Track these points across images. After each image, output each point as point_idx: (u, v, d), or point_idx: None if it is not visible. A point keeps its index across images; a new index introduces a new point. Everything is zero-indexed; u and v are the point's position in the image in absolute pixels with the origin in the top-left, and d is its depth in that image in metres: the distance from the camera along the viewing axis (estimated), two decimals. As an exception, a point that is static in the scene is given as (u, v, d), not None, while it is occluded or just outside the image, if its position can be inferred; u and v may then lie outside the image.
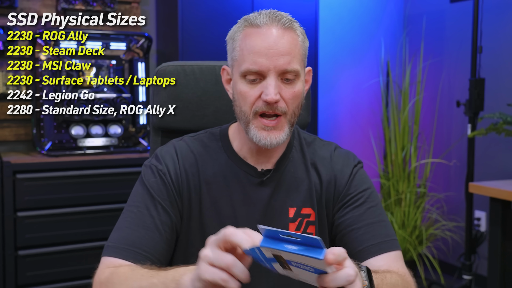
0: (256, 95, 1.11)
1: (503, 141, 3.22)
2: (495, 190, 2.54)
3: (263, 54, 1.09)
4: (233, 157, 1.22)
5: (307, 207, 1.22)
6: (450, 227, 3.58)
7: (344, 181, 1.23)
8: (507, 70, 3.22)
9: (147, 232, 1.11)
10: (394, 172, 3.57)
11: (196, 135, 1.27)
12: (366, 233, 1.18)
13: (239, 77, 1.13)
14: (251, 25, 1.13)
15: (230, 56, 1.17)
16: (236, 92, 1.15)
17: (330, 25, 3.68)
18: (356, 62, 3.81)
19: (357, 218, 1.20)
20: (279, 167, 1.22)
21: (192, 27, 2.86)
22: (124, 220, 1.15)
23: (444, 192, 3.68)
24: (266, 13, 1.13)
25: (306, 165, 1.25)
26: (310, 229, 1.22)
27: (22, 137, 2.88)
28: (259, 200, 1.19)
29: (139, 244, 1.10)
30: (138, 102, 2.90)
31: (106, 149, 2.78)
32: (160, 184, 1.16)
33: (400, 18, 3.95)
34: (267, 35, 1.11)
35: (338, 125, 3.78)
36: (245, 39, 1.12)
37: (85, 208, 2.58)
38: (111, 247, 1.11)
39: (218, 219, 1.18)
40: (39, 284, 2.51)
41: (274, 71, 1.10)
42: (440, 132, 3.70)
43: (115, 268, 1.07)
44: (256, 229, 1.13)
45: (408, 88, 3.61)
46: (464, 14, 3.49)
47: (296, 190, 1.22)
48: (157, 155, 1.22)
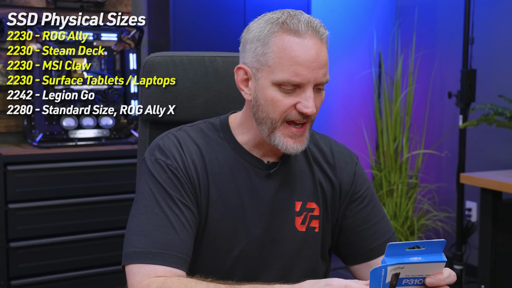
0: (290, 104, 1.09)
1: (494, 132, 3.22)
2: (486, 180, 2.54)
3: (306, 67, 1.06)
4: (238, 149, 1.19)
5: (311, 202, 1.22)
6: (442, 218, 3.59)
7: (350, 180, 1.25)
8: (499, 62, 3.22)
9: (176, 232, 1.07)
10: (386, 163, 3.57)
11: (195, 125, 1.23)
12: (374, 233, 1.24)
13: (271, 84, 1.08)
14: (289, 31, 1.07)
15: (256, 58, 1.10)
16: (265, 98, 1.10)
17: (322, 16, 3.65)
18: (348, 53, 3.79)
19: (365, 218, 1.24)
20: (285, 160, 1.21)
21: (184, 17, 2.84)
22: (147, 222, 1.07)
23: (435, 183, 3.69)
24: (305, 21, 1.08)
25: (308, 160, 1.25)
26: (313, 223, 1.22)
27: (12, 128, 2.86)
28: (266, 192, 1.18)
29: (172, 247, 1.05)
30: (130, 93, 2.87)
31: (97, 141, 2.76)
32: (173, 179, 1.11)
33: (392, 10, 3.93)
34: (309, 46, 1.07)
35: (331, 116, 3.77)
36: (284, 47, 1.07)
37: (76, 200, 2.57)
38: (142, 254, 1.04)
39: (226, 211, 1.16)
40: (30, 276, 2.50)
41: (313, 83, 1.09)
42: (432, 123, 3.70)
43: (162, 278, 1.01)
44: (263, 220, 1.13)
45: (400, 79, 3.61)
46: (456, 6, 3.48)
47: (301, 184, 1.22)
48: (161, 148, 1.16)
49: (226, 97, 1.42)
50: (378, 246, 1.23)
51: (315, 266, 1.23)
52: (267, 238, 1.17)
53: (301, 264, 1.21)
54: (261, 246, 1.17)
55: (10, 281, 2.46)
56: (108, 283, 2.64)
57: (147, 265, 1.03)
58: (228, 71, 1.41)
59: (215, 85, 1.42)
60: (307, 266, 1.22)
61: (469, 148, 3.34)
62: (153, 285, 0.99)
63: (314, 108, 1.09)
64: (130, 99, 2.88)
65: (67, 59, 2.71)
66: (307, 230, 1.20)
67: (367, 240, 1.23)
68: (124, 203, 2.63)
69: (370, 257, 1.23)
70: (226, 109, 1.30)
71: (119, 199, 2.64)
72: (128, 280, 1.04)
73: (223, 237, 1.15)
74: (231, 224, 1.15)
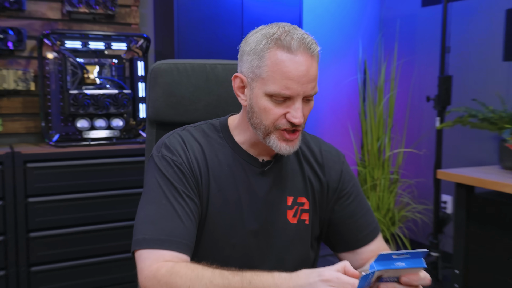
0: (280, 113, 1.09)
1: (468, 133, 3.23)
2: (460, 176, 2.55)
3: (296, 82, 1.06)
4: (236, 148, 1.19)
5: (302, 197, 1.22)
6: (420, 210, 3.60)
7: (337, 178, 1.25)
8: (472, 68, 3.23)
9: (181, 221, 1.07)
10: (370, 160, 3.57)
11: (197, 125, 1.23)
12: (360, 225, 1.25)
13: (264, 94, 1.08)
14: (282, 47, 1.06)
15: (251, 69, 1.10)
16: (258, 106, 1.10)
17: (312, 27, 3.66)
18: (336, 61, 3.80)
19: (352, 212, 1.25)
20: (278, 159, 1.21)
21: (187, 28, 2.84)
22: (155, 212, 1.07)
23: (414, 178, 3.69)
24: (298, 38, 1.07)
25: (299, 158, 1.25)
26: (304, 216, 1.22)
27: (31, 129, 2.86)
28: (261, 188, 1.18)
29: (178, 234, 1.05)
30: (138, 97, 2.87)
31: (109, 141, 2.75)
32: (179, 174, 1.12)
33: (376, 21, 3.94)
34: (300, 63, 1.06)
35: (320, 117, 3.77)
36: (276, 62, 1.06)
37: (90, 194, 2.56)
38: (151, 240, 1.04)
39: (224, 205, 1.16)
40: (48, 263, 2.49)
41: (302, 96, 1.08)
42: (412, 124, 3.71)
43: (172, 263, 1.01)
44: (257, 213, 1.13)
45: (383, 84, 3.61)
46: (434, 18, 3.48)
47: (292, 181, 1.22)
48: (167, 145, 1.16)
49: (225, 101, 1.42)
50: (363, 237, 1.24)
51: (306, 255, 1.24)
52: (261, 230, 1.18)
53: (293, 253, 1.21)
54: (256, 236, 1.17)
55: (30, 268, 2.46)
56: (117, 269, 2.64)
57: (155, 250, 1.03)
58: (227, 77, 1.41)
59: (215, 90, 1.42)
60: (299, 255, 1.22)
61: (445, 147, 3.35)
62: (163, 269, 0.99)
63: (302, 118, 1.08)
64: (138, 102, 2.87)
65: (81, 66, 2.71)
66: (298, 222, 1.21)
67: (354, 231, 1.25)
68: (133, 197, 2.63)
69: (356, 246, 1.25)
70: (225, 112, 1.30)
71: (128, 194, 2.63)
72: (138, 264, 1.04)
73: (222, 228, 1.15)
74: (228, 216, 1.16)
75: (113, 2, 2.90)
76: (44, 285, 2.49)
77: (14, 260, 2.43)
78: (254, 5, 3.01)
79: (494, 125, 2.66)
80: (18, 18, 2.78)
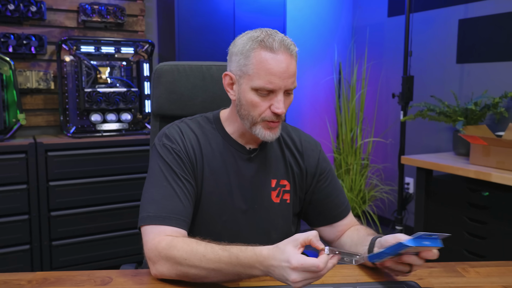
0: (266, 106, 1.09)
1: (427, 124, 3.24)
2: (421, 161, 2.56)
3: (278, 77, 1.06)
4: (226, 137, 1.19)
5: (284, 179, 1.22)
6: (387, 190, 3.62)
7: (314, 164, 1.25)
8: (431, 69, 3.23)
9: (180, 200, 1.06)
10: (344, 148, 3.58)
11: (193, 118, 1.23)
12: (336, 203, 1.26)
13: (250, 89, 1.08)
14: (265, 48, 1.06)
15: (239, 67, 1.09)
16: (245, 100, 1.09)
17: (294, 34, 3.64)
18: (315, 64, 3.79)
19: (328, 193, 1.26)
20: (263, 147, 1.21)
21: (186, 35, 2.81)
22: (157, 193, 1.07)
23: (382, 163, 3.71)
24: (278, 40, 1.07)
25: (281, 146, 1.24)
26: (285, 196, 1.22)
27: (51, 123, 2.82)
28: (248, 172, 1.18)
29: (178, 212, 1.05)
30: (144, 94, 2.85)
31: (119, 132, 2.73)
32: (177, 159, 1.11)
33: (349, 29, 3.93)
34: (281, 61, 1.06)
35: (301, 112, 3.77)
36: (261, 60, 1.06)
37: (102, 179, 2.54)
38: (154, 217, 1.03)
39: (216, 187, 1.15)
40: (67, 238, 2.48)
41: (284, 89, 1.08)
42: (380, 117, 3.72)
43: (171, 237, 1.00)
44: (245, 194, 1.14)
45: (355, 83, 3.61)
46: (398, 26, 3.48)
47: (275, 165, 1.22)
48: (167, 135, 1.15)
49: (219, 97, 1.41)
50: (339, 213, 1.25)
51: (288, 229, 1.24)
52: (249, 208, 1.18)
53: (277, 228, 1.21)
54: (244, 214, 1.17)
55: (52, 242, 2.45)
56: (126, 243, 2.63)
57: (158, 226, 1.03)
58: (221, 76, 1.40)
59: (211, 87, 1.41)
60: (282, 230, 1.22)
61: (408, 137, 3.37)
62: (163, 242, 0.99)
63: (284, 109, 1.09)
64: (144, 99, 2.85)
65: (94, 68, 2.68)
66: (280, 201, 1.21)
67: (331, 209, 1.25)
68: (140, 181, 2.61)
69: (333, 221, 1.25)
70: (219, 107, 1.29)
71: (135, 178, 2.62)
72: (143, 238, 1.04)
73: (214, 206, 1.15)
74: (220, 197, 1.16)
75: (122, 12, 2.87)
76: (63, 257, 2.47)
77: (37, 236, 2.41)
78: (244, 15, 2.98)
79: (449, 118, 2.67)
80: (40, 26, 2.74)
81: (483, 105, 2.65)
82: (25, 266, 2.39)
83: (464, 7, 2.98)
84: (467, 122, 2.60)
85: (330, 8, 3.83)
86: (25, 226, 2.37)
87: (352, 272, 1.06)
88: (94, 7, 2.79)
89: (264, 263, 0.88)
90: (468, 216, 2.39)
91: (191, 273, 0.95)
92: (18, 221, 2.36)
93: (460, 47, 3.01)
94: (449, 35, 3.08)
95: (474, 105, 2.57)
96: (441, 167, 2.44)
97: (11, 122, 2.53)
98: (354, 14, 3.91)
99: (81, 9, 2.76)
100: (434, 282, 1.01)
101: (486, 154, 2.32)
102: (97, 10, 2.79)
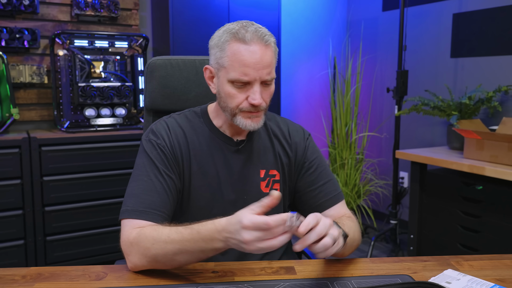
0: (243, 97, 1.08)
1: (422, 119, 3.25)
2: (415, 156, 2.57)
3: (251, 68, 1.05)
4: (214, 130, 1.19)
5: (273, 169, 1.22)
6: (381, 184, 3.63)
7: (301, 152, 1.24)
8: (425, 64, 3.24)
9: (159, 195, 1.07)
10: (339, 143, 3.58)
11: (181, 113, 1.23)
12: (321, 192, 1.22)
13: (227, 81, 1.08)
14: (239, 40, 1.06)
15: (216, 60, 1.10)
16: (224, 92, 1.10)
17: (289, 29, 3.63)
18: (310, 58, 3.78)
19: (313, 181, 1.23)
20: (250, 138, 1.21)
21: (180, 29, 2.79)
22: (137, 187, 1.08)
23: (377, 158, 3.72)
24: (252, 31, 1.06)
25: (270, 136, 1.24)
26: (275, 186, 1.22)
27: (45, 117, 2.80)
28: (236, 164, 1.18)
29: (155, 206, 1.05)
30: (138, 89, 2.83)
31: (113, 127, 2.71)
32: (161, 155, 1.12)
33: (344, 23, 3.92)
34: (254, 51, 1.05)
35: (296, 107, 3.77)
36: (234, 52, 1.06)
37: (97, 174, 2.53)
38: (131, 211, 1.05)
39: (205, 180, 1.16)
40: (61, 233, 2.47)
41: (259, 80, 1.07)
42: (374, 111, 3.72)
43: (140, 228, 1.01)
44: (234, 186, 1.13)
45: (350, 78, 3.61)
46: (393, 20, 3.48)
47: (264, 156, 1.22)
48: (153, 130, 1.16)
49: (213, 91, 1.40)
50: (324, 202, 1.22)
51: None
52: (238, 200, 1.18)
53: None
54: (234, 205, 1.17)
55: (46, 237, 2.44)
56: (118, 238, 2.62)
57: (134, 220, 1.04)
58: (214, 71, 1.39)
59: (204, 82, 1.40)
60: None
61: (402, 131, 3.37)
62: (134, 232, 1.00)
63: (261, 100, 1.08)
64: (138, 93, 2.83)
65: (88, 62, 2.66)
66: (270, 191, 1.20)
67: (315, 198, 1.23)
68: (135, 176, 2.60)
69: (319, 211, 1.21)
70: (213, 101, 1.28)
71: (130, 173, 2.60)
72: (121, 231, 1.05)
73: (204, 199, 1.16)
74: (209, 190, 1.16)
75: (116, 6, 2.84)
76: (58, 252, 2.47)
77: (32, 231, 2.40)
78: (238, 9, 2.97)
79: (443, 112, 2.68)
80: (33, 20, 2.71)
81: (477, 99, 2.66)
82: (20, 262, 2.38)
83: (458, 1, 2.98)
84: (461, 116, 2.60)
85: (325, 2, 3.82)
86: (19, 221, 2.36)
87: (346, 266, 1.06)
88: (88, 1, 2.76)
89: (222, 232, 0.88)
90: (462, 210, 2.40)
91: (160, 258, 0.96)
92: (12, 216, 2.34)
93: (454, 41, 3.01)
94: (443, 29, 3.08)
95: (468, 99, 2.57)
96: (435, 161, 2.44)
97: (4, 117, 2.51)
98: (349, 8, 3.90)
99: (75, 2, 2.74)
100: (428, 276, 1.01)
101: (480, 148, 2.33)
102: (90, 4, 2.77)
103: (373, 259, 1.11)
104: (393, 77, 3.38)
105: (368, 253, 2.91)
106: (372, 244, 2.93)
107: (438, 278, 0.99)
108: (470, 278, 0.99)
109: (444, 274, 1.01)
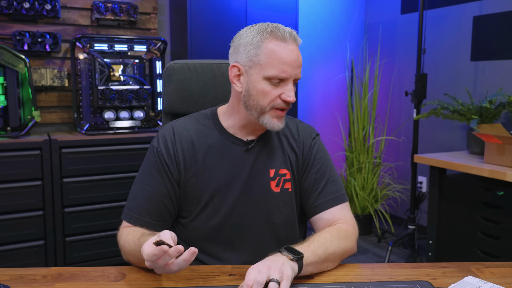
0: (276, 94, 1.11)
1: (441, 123, 3.21)
2: (434, 160, 2.53)
3: (290, 66, 1.09)
4: (223, 132, 1.20)
5: (283, 169, 1.22)
6: (399, 189, 3.59)
7: (308, 151, 1.25)
8: (445, 67, 3.20)
9: (147, 202, 1.15)
10: (356, 146, 3.56)
11: (192, 115, 1.26)
12: (321, 192, 1.21)
13: (262, 78, 1.10)
14: (277, 38, 1.09)
15: (249, 58, 1.11)
16: (256, 89, 1.11)
17: (307, 32, 3.62)
18: (327, 61, 3.77)
19: (314, 180, 1.22)
20: (261, 138, 1.22)
21: (198, 32, 2.81)
22: (136, 192, 1.17)
23: (395, 162, 3.68)
24: (287, 31, 1.11)
25: (279, 136, 1.25)
26: (287, 185, 1.22)
27: (66, 120, 2.85)
28: (245, 164, 1.19)
29: (142, 212, 1.15)
30: (156, 92, 2.86)
31: (131, 129, 2.74)
32: (159, 163, 1.17)
33: (362, 26, 3.90)
34: (292, 50, 1.10)
35: (313, 110, 3.75)
36: (273, 50, 1.09)
37: (115, 175, 2.56)
38: (127, 214, 1.17)
39: (216, 181, 1.17)
40: (80, 234, 2.51)
41: (294, 78, 1.12)
42: (392, 115, 3.69)
43: (124, 228, 1.15)
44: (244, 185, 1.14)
45: (368, 81, 3.58)
46: (412, 23, 3.45)
47: (274, 155, 1.22)
48: (158, 136, 1.20)
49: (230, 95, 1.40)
50: (322, 204, 1.19)
51: (292, 220, 1.23)
52: (249, 199, 1.18)
53: (280, 218, 1.21)
54: (244, 205, 1.18)
55: (65, 238, 2.47)
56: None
57: (125, 222, 1.16)
58: (232, 74, 1.39)
59: (221, 85, 1.41)
60: (286, 219, 1.22)
61: (421, 135, 3.33)
62: (121, 232, 1.14)
63: (295, 97, 1.12)
64: (156, 97, 2.86)
65: (108, 65, 2.69)
66: (281, 190, 1.21)
67: (314, 198, 1.21)
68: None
69: (316, 212, 1.20)
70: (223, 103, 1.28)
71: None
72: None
73: (215, 200, 1.17)
74: (220, 191, 1.17)
75: (135, 10, 2.88)
76: (77, 252, 2.50)
77: (52, 232, 2.44)
78: (256, 12, 2.98)
79: (463, 116, 2.64)
80: (54, 24, 2.76)
81: (498, 103, 2.61)
82: (40, 262, 2.41)
83: (478, 4, 2.94)
84: (481, 121, 2.56)
85: (343, 5, 3.80)
86: (40, 222, 2.40)
87: (364, 271, 1.05)
88: (108, 5, 2.80)
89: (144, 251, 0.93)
90: (482, 216, 2.36)
91: (132, 260, 1.08)
92: (32, 217, 2.38)
93: (475, 44, 2.97)
94: (463, 32, 3.04)
95: (488, 103, 2.53)
96: (454, 166, 2.41)
97: (26, 119, 2.56)
98: (366, 11, 3.87)
99: (95, 7, 2.78)
100: (448, 282, 1.00)
101: (501, 153, 2.28)
102: (110, 8, 2.81)
103: (391, 264, 1.09)
104: (412, 81, 3.35)
105: (385, 258, 2.88)
106: (390, 249, 2.90)
107: (458, 285, 0.97)
108: (491, 286, 0.97)
109: (464, 281, 0.99)
